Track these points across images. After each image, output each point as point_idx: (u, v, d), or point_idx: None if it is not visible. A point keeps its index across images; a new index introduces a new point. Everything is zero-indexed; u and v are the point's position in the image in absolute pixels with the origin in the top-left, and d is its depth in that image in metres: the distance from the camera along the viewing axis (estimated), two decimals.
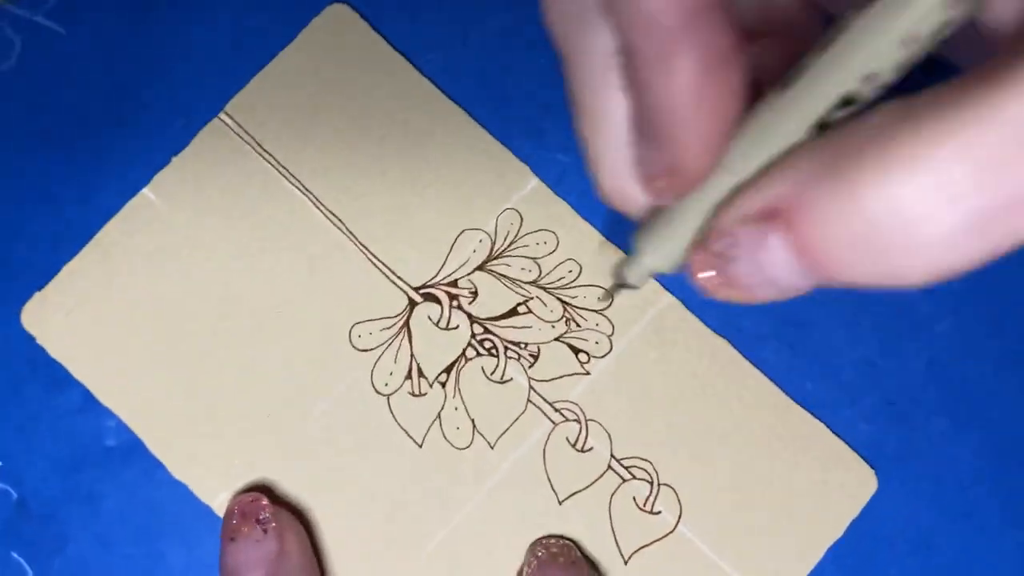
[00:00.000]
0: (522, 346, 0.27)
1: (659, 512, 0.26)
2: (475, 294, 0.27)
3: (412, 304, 0.27)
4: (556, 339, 0.27)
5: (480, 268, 0.28)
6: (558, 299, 0.27)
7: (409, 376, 0.27)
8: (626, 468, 0.26)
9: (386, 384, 0.27)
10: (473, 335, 0.27)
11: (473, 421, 0.27)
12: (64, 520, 0.26)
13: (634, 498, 0.26)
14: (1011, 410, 0.27)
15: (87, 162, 0.28)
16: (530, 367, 0.27)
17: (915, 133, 0.13)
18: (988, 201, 0.13)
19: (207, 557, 0.26)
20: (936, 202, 0.13)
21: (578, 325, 0.27)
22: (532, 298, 0.27)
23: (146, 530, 0.26)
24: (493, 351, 0.27)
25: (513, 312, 0.27)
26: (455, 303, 0.27)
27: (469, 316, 0.27)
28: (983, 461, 0.27)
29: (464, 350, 0.27)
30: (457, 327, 0.27)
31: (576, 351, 0.27)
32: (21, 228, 0.28)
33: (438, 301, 0.27)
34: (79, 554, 0.26)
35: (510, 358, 0.27)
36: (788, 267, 0.15)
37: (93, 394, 0.27)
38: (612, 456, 0.26)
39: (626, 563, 0.26)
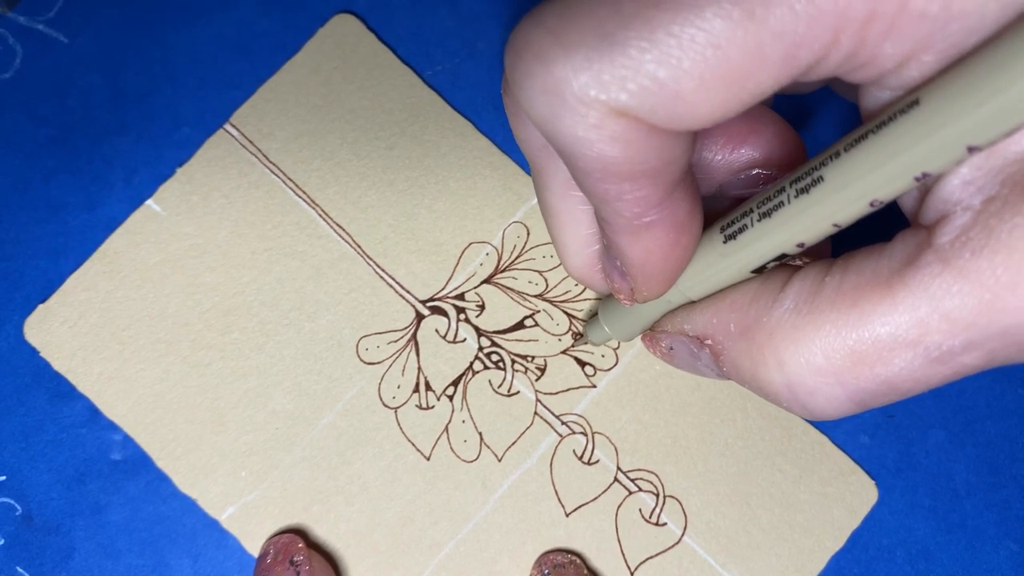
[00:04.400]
0: (529, 359, 0.27)
1: (665, 524, 0.26)
2: (482, 307, 0.28)
3: (419, 317, 0.27)
4: (563, 352, 0.27)
5: (487, 281, 0.28)
6: (564, 312, 0.28)
7: (416, 389, 0.27)
8: (632, 480, 0.27)
9: (393, 397, 0.27)
10: (480, 348, 0.27)
11: (480, 434, 0.27)
12: (69, 533, 0.26)
13: (640, 510, 0.27)
14: (1006, 423, 0.28)
15: (91, 172, 0.28)
16: (537, 380, 0.27)
17: (816, 327, 0.16)
18: (865, 384, 0.16)
19: (213, 570, 0.26)
20: (817, 384, 0.16)
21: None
22: (539, 311, 0.28)
23: (152, 543, 0.26)
24: (500, 364, 0.27)
25: (520, 325, 0.27)
26: (462, 316, 0.27)
27: (476, 329, 0.27)
28: (979, 473, 0.27)
29: (471, 363, 0.27)
30: (464, 340, 0.27)
31: (582, 364, 0.27)
32: (24, 238, 0.27)
33: (445, 314, 0.27)
34: (84, 567, 0.26)
35: (517, 371, 0.27)
36: (714, 373, 0.19)
37: (98, 407, 0.27)
38: (618, 468, 0.27)
39: (632, 574, 0.26)
